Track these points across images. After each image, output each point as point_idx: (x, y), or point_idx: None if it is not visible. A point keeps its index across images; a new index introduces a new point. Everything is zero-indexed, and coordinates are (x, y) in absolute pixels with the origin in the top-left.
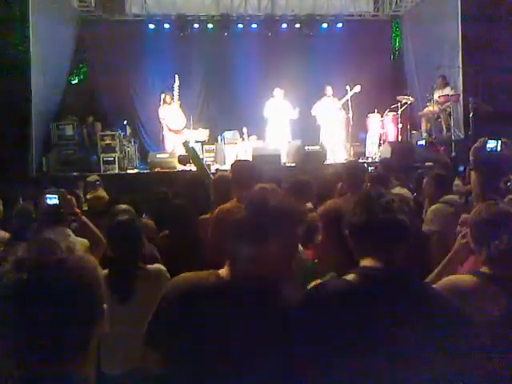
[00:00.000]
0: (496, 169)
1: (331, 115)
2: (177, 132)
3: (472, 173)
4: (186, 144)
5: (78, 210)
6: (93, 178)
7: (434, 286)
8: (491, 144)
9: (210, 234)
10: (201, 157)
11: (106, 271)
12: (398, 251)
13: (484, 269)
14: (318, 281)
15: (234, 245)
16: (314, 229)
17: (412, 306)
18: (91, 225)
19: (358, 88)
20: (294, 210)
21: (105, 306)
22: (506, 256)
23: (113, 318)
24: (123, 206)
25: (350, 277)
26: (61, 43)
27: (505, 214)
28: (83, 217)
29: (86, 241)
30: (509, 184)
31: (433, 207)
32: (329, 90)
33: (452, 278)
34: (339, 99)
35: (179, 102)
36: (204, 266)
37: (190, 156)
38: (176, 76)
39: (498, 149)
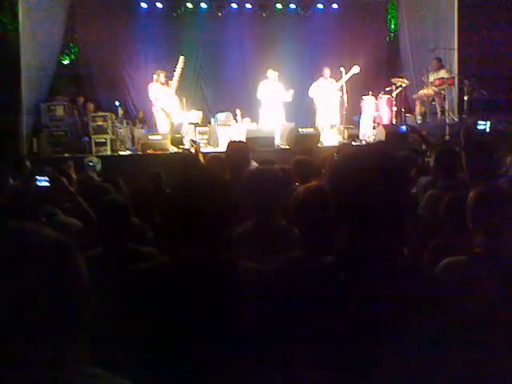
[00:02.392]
0: (486, 149)
1: (328, 97)
2: (168, 115)
3: (463, 154)
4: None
5: (71, 190)
6: (87, 159)
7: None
8: (481, 125)
9: None
10: (194, 139)
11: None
12: (371, 232)
13: (478, 249)
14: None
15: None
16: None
17: (384, 285)
18: (85, 205)
19: (356, 69)
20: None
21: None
22: (500, 237)
23: None
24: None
25: (329, 258)
26: (51, 22)
27: (500, 195)
28: (78, 197)
29: (76, 221)
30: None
31: (431, 192)
32: (327, 71)
33: (448, 259)
34: (337, 81)
35: (177, 85)
36: None
37: None
38: (181, 57)
39: (488, 130)
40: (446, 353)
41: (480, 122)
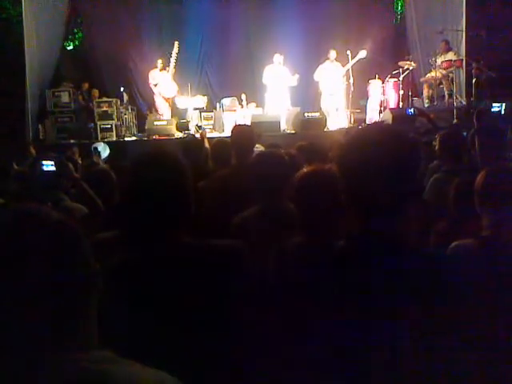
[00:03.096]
0: (500, 132)
1: (333, 81)
2: (167, 100)
3: (476, 137)
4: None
5: (76, 176)
6: (94, 145)
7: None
8: (496, 107)
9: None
10: (199, 124)
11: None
12: (378, 218)
13: (486, 232)
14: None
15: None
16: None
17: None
18: (90, 191)
19: (363, 53)
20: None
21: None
22: (507, 220)
23: None
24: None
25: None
26: (54, 7)
27: (508, 177)
28: (83, 183)
29: (82, 207)
30: None
31: (436, 176)
32: (332, 54)
33: (455, 242)
34: (343, 65)
35: (174, 70)
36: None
37: None
38: (176, 43)
39: (503, 112)
40: (451, 339)
41: (495, 105)
